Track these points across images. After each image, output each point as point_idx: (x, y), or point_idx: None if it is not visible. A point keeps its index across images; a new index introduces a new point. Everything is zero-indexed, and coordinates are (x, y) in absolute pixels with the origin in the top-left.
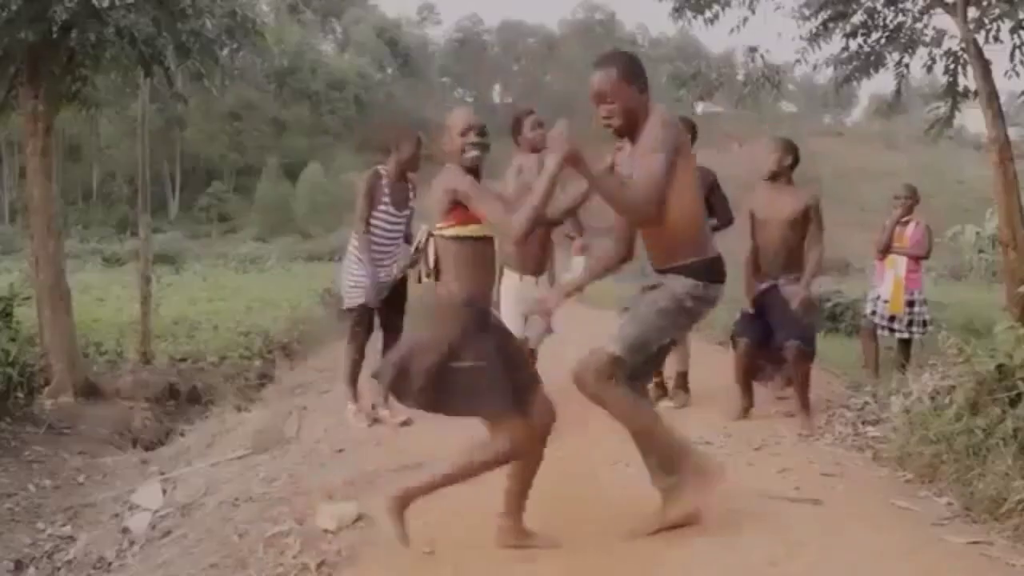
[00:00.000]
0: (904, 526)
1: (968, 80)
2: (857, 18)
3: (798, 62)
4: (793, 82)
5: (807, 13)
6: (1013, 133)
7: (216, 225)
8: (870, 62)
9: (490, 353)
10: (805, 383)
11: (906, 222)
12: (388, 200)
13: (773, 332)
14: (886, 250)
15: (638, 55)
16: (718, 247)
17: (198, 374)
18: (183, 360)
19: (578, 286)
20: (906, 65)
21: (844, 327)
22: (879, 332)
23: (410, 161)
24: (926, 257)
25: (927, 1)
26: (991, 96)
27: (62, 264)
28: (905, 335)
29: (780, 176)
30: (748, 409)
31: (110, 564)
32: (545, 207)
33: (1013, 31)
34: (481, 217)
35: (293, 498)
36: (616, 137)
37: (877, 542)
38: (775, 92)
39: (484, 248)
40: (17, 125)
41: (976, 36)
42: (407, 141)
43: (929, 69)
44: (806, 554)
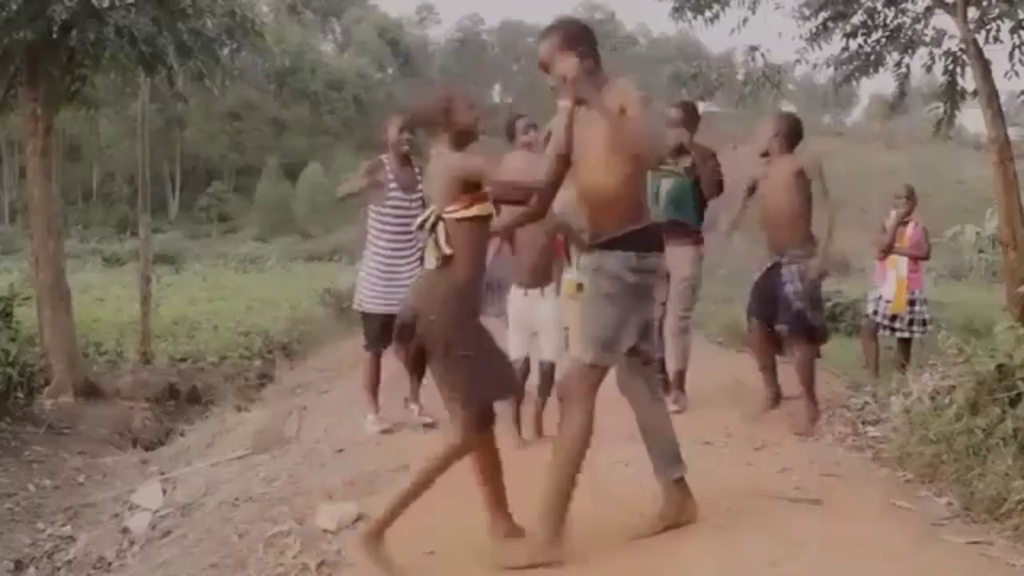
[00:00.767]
0: (904, 526)
1: (968, 80)
2: (857, 18)
3: (798, 62)
4: (793, 82)
5: (807, 13)
6: (1013, 133)
7: (216, 225)
8: (870, 62)
9: (487, 342)
10: (803, 372)
11: (905, 222)
12: (395, 185)
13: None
14: (888, 250)
15: (588, 24)
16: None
17: (198, 374)
18: (183, 360)
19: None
20: (907, 65)
21: (844, 327)
22: (880, 332)
23: (396, 143)
24: (927, 258)
25: (927, 1)
26: (991, 96)
27: (62, 264)
28: (906, 334)
29: (772, 151)
30: (777, 399)
31: (110, 564)
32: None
33: (1013, 31)
34: (497, 190)
35: (293, 498)
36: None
37: (877, 542)
38: (775, 92)
39: (487, 229)
40: (17, 125)
41: (976, 36)
42: (391, 124)
43: (929, 69)
44: (806, 554)
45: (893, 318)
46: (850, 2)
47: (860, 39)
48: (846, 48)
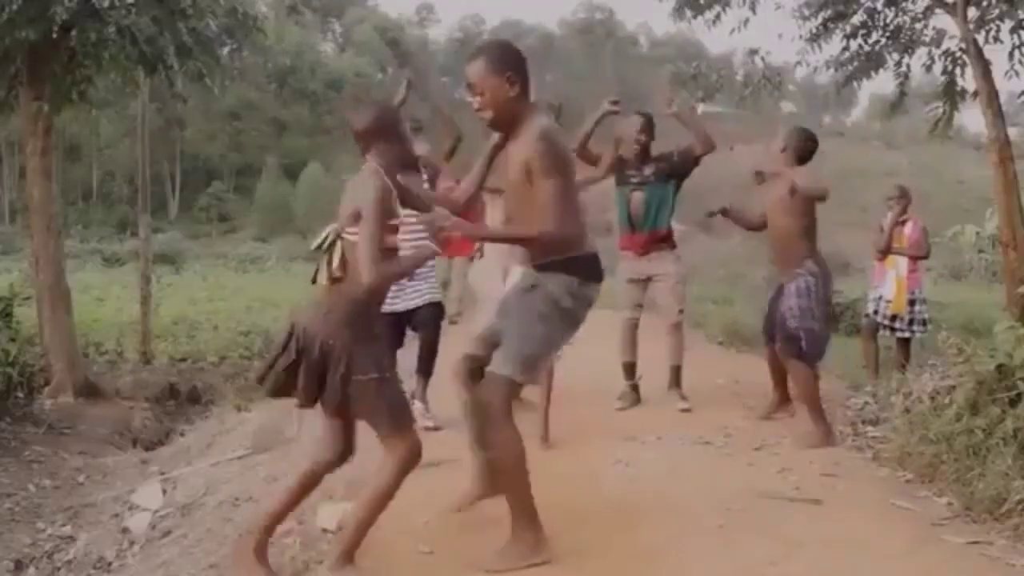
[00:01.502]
0: (904, 526)
1: (968, 80)
2: (857, 18)
3: (799, 63)
4: (793, 82)
5: (807, 13)
6: (1013, 133)
7: (216, 225)
8: (870, 63)
9: (390, 362)
10: (801, 392)
11: (903, 222)
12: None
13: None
14: (886, 251)
15: (516, 47)
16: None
17: (198, 374)
18: (183, 360)
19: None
20: (907, 65)
21: (844, 327)
22: (880, 332)
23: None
24: (926, 257)
25: (927, 1)
26: (991, 96)
27: (62, 264)
28: (906, 334)
29: (780, 166)
30: (782, 404)
31: (110, 564)
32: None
33: (1013, 31)
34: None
35: None
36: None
37: (877, 542)
38: (776, 93)
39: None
40: (17, 125)
41: (976, 36)
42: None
43: (928, 69)
44: (806, 554)
45: (893, 318)
46: (850, 2)
47: (860, 39)
48: (846, 48)
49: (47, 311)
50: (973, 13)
